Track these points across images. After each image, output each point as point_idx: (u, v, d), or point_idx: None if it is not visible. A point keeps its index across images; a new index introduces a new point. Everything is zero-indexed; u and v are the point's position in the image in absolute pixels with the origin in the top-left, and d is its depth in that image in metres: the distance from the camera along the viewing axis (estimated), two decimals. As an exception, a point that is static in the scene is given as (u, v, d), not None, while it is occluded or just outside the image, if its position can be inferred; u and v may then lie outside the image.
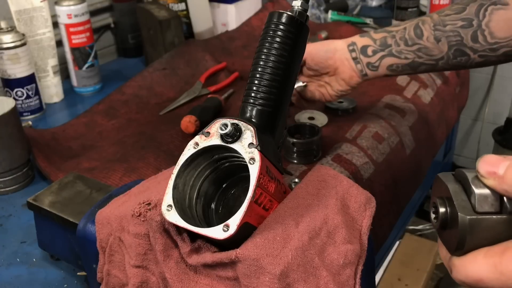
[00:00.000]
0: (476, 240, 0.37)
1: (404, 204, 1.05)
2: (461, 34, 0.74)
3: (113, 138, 1.03)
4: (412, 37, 0.77)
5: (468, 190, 0.38)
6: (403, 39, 0.78)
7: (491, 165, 0.37)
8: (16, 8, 1.12)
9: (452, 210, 0.38)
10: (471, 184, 0.38)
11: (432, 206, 0.41)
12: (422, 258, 1.76)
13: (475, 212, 0.37)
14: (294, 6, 0.60)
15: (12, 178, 0.90)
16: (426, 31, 0.76)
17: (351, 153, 0.90)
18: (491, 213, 0.37)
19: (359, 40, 0.83)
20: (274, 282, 0.47)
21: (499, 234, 0.37)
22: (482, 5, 0.73)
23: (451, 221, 0.39)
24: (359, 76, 0.83)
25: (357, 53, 0.82)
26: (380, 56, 0.80)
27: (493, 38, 0.72)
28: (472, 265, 0.38)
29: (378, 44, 0.80)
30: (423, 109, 1.11)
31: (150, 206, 0.56)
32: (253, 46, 1.39)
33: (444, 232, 0.41)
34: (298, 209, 0.54)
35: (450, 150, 1.76)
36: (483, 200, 0.37)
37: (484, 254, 0.37)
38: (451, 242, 0.39)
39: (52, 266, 0.75)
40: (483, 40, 0.73)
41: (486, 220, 0.37)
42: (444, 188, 0.40)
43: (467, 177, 0.38)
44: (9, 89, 1.10)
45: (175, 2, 1.43)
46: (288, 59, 0.57)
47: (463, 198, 0.38)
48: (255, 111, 0.56)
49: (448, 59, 0.77)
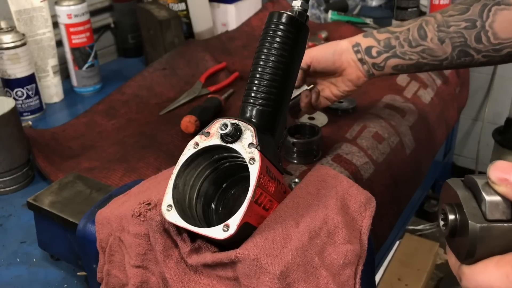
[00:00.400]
0: (487, 248, 0.37)
1: (404, 204, 1.05)
2: (465, 35, 0.74)
3: (113, 138, 1.03)
4: (416, 38, 0.77)
5: (478, 197, 0.37)
6: (407, 40, 0.78)
7: (503, 171, 0.36)
8: (16, 8, 1.12)
9: (462, 218, 0.37)
10: (481, 190, 0.37)
11: (441, 213, 0.40)
12: (422, 258, 1.76)
13: (486, 220, 0.36)
14: (294, 6, 0.60)
15: (12, 178, 0.90)
16: (430, 32, 0.76)
17: (351, 153, 0.90)
18: (502, 220, 0.36)
19: (363, 40, 0.82)
20: (274, 282, 0.47)
21: (511, 242, 0.36)
22: (486, 6, 0.73)
23: (460, 228, 0.38)
24: (365, 76, 0.83)
25: (362, 54, 0.82)
26: (384, 57, 0.81)
27: (497, 39, 0.72)
28: (483, 274, 0.37)
29: (382, 45, 0.80)
30: (423, 109, 1.11)
31: (150, 206, 0.56)
32: (253, 46, 1.39)
33: (454, 240, 0.40)
34: (298, 209, 0.54)
35: (450, 150, 1.76)
36: (494, 208, 0.36)
37: (495, 264, 0.36)
38: (461, 250, 0.39)
39: (52, 266, 0.75)
40: (486, 41, 0.73)
41: (497, 228, 0.36)
42: (453, 194, 0.39)
43: (477, 183, 0.37)
44: (9, 89, 1.10)
45: (175, 2, 1.43)
46: (288, 59, 0.57)
47: (473, 205, 0.37)
48: (255, 111, 0.56)
49: (452, 59, 0.77)
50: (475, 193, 0.38)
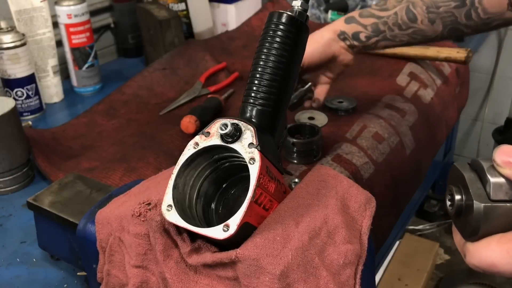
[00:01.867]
0: (490, 226, 0.39)
1: (404, 204, 1.05)
2: (455, 14, 0.75)
3: (113, 138, 1.03)
4: (406, 22, 0.79)
5: (483, 179, 0.39)
6: (396, 24, 0.80)
7: (507, 155, 0.38)
8: (16, 8, 1.12)
9: (468, 198, 0.40)
10: (486, 173, 0.39)
11: (448, 194, 0.43)
12: (422, 258, 1.76)
13: (490, 200, 0.39)
14: (294, 6, 0.60)
15: (12, 178, 0.90)
16: (420, 15, 0.78)
17: (351, 153, 0.90)
18: (505, 201, 0.39)
19: (346, 27, 0.84)
20: (274, 282, 0.47)
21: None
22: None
23: (466, 208, 0.40)
24: (356, 55, 0.87)
25: (350, 40, 0.84)
26: (375, 40, 0.83)
27: (486, 14, 0.74)
28: (486, 251, 0.39)
29: (370, 30, 0.82)
30: (423, 109, 1.11)
31: (150, 206, 0.56)
32: (253, 46, 1.39)
33: (459, 219, 0.42)
34: (298, 209, 0.54)
35: (450, 150, 1.76)
36: (498, 189, 0.38)
37: (497, 240, 0.39)
38: (466, 228, 0.41)
39: (52, 266, 0.75)
40: (476, 17, 0.74)
41: (500, 208, 0.38)
42: (460, 176, 0.41)
43: (482, 166, 0.40)
44: (9, 89, 1.10)
45: (175, 2, 1.43)
46: (288, 59, 0.57)
47: (479, 186, 0.39)
48: (255, 111, 0.56)
49: (443, 36, 0.79)
50: (481, 175, 0.40)
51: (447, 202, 0.43)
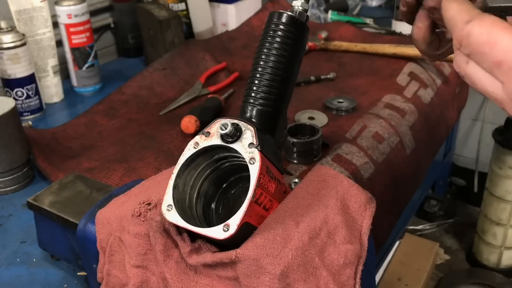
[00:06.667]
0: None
1: (404, 204, 1.05)
2: None
3: (113, 138, 1.03)
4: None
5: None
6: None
7: None
8: (16, 8, 1.12)
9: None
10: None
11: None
12: (422, 258, 1.76)
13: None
14: (294, 6, 0.60)
15: (12, 178, 0.90)
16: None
17: (351, 153, 0.90)
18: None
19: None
20: (274, 282, 0.47)
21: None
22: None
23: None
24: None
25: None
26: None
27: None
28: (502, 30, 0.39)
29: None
30: (423, 109, 1.11)
31: (150, 206, 0.56)
32: (253, 46, 1.39)
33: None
34: (298, 209, 0.54)
35: (450, 150, 1.76)
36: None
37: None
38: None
39: (52, 266, 0.75)
40: None
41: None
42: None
43: None
44: (9, 89, 1.10)
45: (175, 2, 1.43)
46: (288, 59, 0.57)
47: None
48: (255, 111, 0.56)
49: None
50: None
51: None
